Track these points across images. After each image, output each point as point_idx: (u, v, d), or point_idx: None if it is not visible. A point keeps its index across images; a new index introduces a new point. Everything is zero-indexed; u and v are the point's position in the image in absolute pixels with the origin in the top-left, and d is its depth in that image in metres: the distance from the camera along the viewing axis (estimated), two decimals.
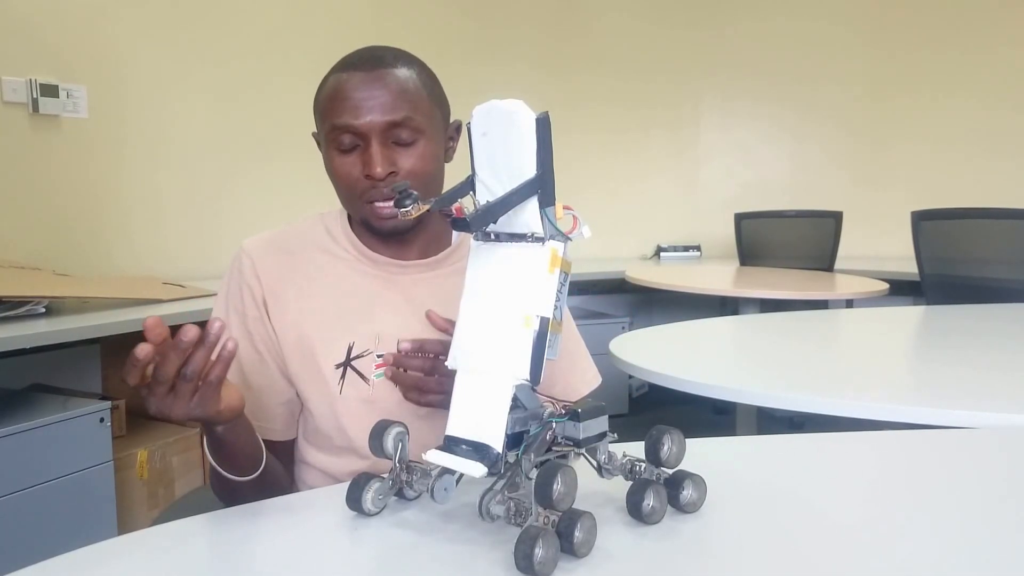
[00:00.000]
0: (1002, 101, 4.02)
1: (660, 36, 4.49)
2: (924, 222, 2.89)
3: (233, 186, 3.18)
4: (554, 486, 0.62)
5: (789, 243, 3.83)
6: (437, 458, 0.68)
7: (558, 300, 0.68)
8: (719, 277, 3.41)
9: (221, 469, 0.89)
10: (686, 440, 0.75)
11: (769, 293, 2.85)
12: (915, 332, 2.06)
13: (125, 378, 0.72)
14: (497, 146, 0.68)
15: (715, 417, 3.56)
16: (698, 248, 4.47)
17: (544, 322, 0.67)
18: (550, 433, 0.70)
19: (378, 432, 0.76)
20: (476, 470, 0.66)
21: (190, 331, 0.69)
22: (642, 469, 0.74)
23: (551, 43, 4.29)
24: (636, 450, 0.76)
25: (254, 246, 1.05)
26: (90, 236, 2.81)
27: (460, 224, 0.67)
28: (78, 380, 2.38)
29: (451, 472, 0.71)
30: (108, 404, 2.00)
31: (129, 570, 0.67)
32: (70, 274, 2.54)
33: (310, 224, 1.10)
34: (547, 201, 0.66)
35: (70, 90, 2.71)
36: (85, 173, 2.78)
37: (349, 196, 1.01)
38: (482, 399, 0.69)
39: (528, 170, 0.66)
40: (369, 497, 0.74)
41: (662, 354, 1.71)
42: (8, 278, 2.19)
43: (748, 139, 4.59)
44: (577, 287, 3.81)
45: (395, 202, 0.67)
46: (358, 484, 0.74)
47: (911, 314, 2.34)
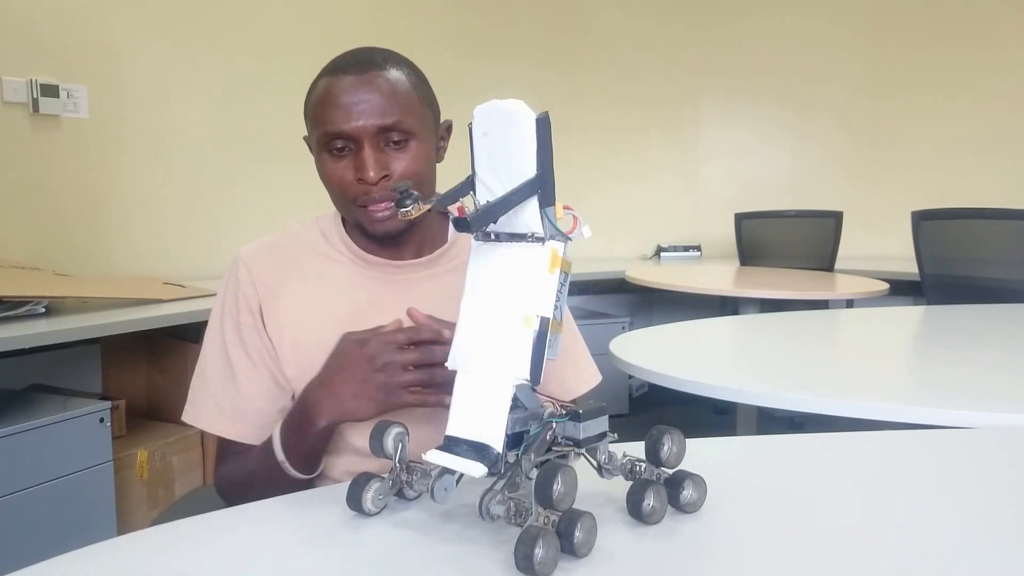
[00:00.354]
0: (1002, 101, 4.02)
1: (660, 36, 4.49)
2: (924, 222, 2.89)
3: (233, 186, 3.18)
4: (554, 486, 0.62)
5: (789, 243, 3.83)
6: (437, 458, 0.68)
7: (558, 300, 0.68)
8: (719, 277, 3.40)
9: (289, 464, 0.93)
10: (686, 440, 0.75)
11: (769, 293, 2.85)
12: (915, 332, 2.06)
13: (403, 333, 0.86)
14: (497, 146, 0.68)
15: (715, 417, 3.56)
16: (698, 248, 4.47)
17: (544, 322, 0.67)
18: (550, 433, 0.70)
19: (378, 432, 0.76)
20: (476, 470, 0.66)
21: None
22: (642, 469, 0.74)
23: (552, 43, 4.29)
24: (636, 450, 0.76)
25: (250, 254, 1.06)
26: (90, 236, 2.81)
27: (461, 224, 0.67)
28: (78, 380, 2.38)
29: (451, 472, 0.71)
30: (108, 404, 2.00)
31: (129, 570, 0.67)
32: (70, 274, 2.54)
33: (305, 228, 1.10)
34: (547, 201, 0.66)
35: (70, 90, 2.71)
36: (85, 173, 2.79)
37: (342, 200, 1.01)
38: (482, 399, 0.69)
39: (528, 170, 0.66)
40: (369, 497, 0.74)
41: (662, 354, 1.71)
42: (8, 278, 2.19)
43: (748, 139, 4.59)
44: (577, 287, 3.81)
45: (396, 202, 0.67)
46: (358, 484, 0.74)
47: (911, 314, 2.34)
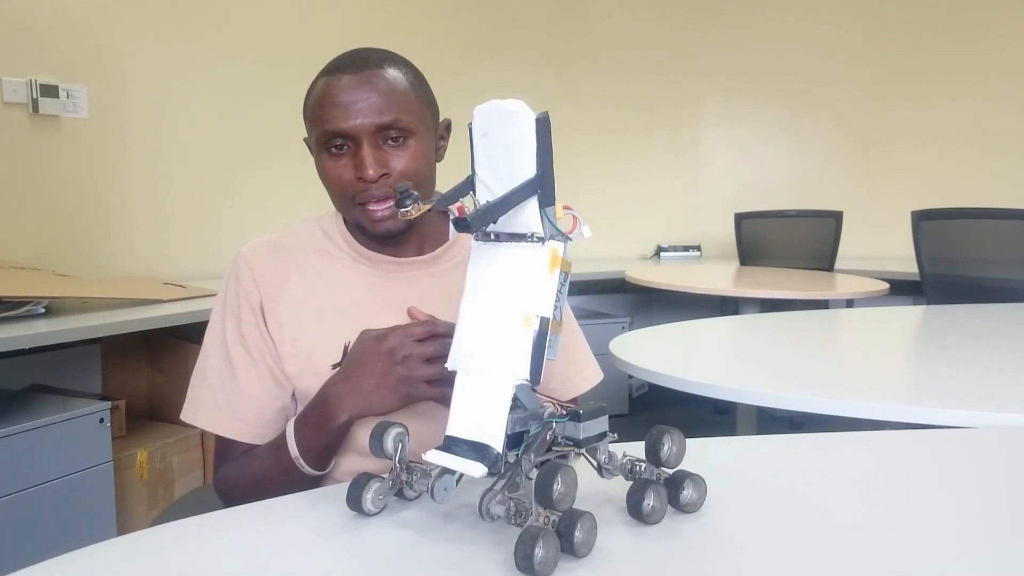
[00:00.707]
0: (1002, 101, 4.02)
1: (661, 36, 4.49)
2: (924, 222, 2.89)
3: (233, 186, 3.18)
4: (554, 486, 0.62)
5: (789, 243, 3.83)
6: (437, 458, 0.68)
7: (558, 300, 0.68)
8: (719, 277, 3.40)
9: (305, 463, 0.93)
10: (686, 440, 0.75)
11: (769, 293, 2.85)
12: (915, 332, 2.06)
13: (422, 327, 0.86)
14: (497, 146, 0.68)
15: (715, 417, 3.55)
16: (698, 248, 4.47)
17: (544, 322, 0.67)
18: (550, 433, 0.70)
19: (378, 432, 0.76)
20: (476, 470, 0.66)
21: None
22: (642, 469, 0.74)
23: (552, 43, 4.29)
24: (636, 450, 0.76)
25: (251, 251, 1.06)
26: (90, 236, 2.81)
27: (461, 224, 0.67)
28: (78, 380, 2.38)
29: (451, 472, 0.71)
30: (108, 404, 2.00)
31: (129, 570, 0.67)
32: (70, 274, 2.54)
33: (306, 227, 1.10)
34: (547, 201, 0.66)
35: (70, 90, 2.71)
36: (85, 173, 2.79)
37: (342, 199, 1.02)
38: (482, 399, 0.69)
39: (528, 170, 0.66)
40: (369, 497, 0.74)
41: (662, 354, 1.71)
42: (8, 278, 2.19)
43: (748, 139, 4.59)
44: (577, 287, 3.81)
45: (396, 202, 0.67)
46: (358, 484, 0.74)
47: (911, 314, 2.34)
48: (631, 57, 4.46)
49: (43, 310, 2.05)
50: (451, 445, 0.69)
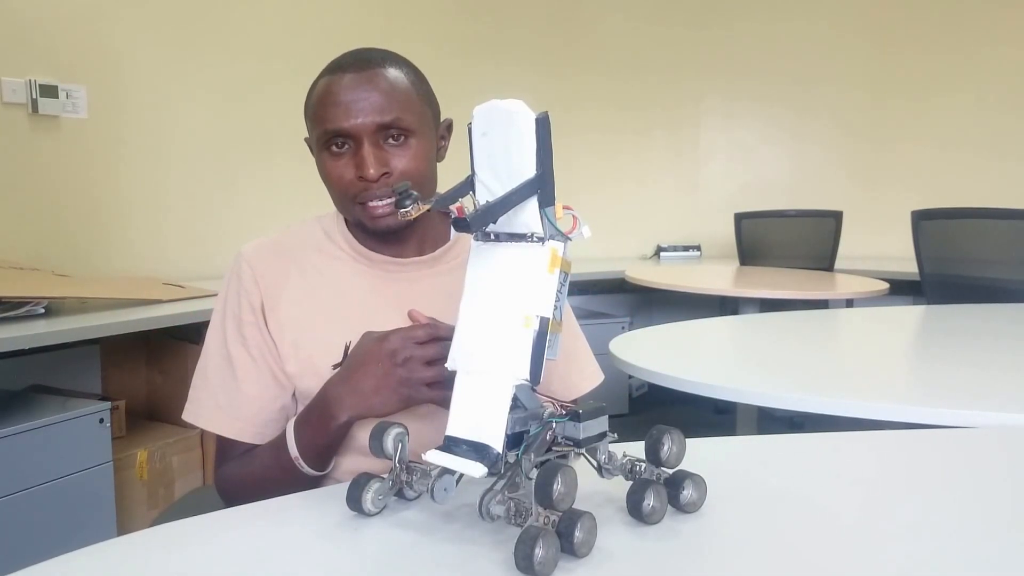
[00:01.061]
0: (1002, 101, 4.02)
1: (660, 37, 4.49)
2: (924, 222, 2.89)
3: (233, 186, 3.18)
4: (554, 486, 0.62)
5: (789, 243, 3.83)
6: (437, 458, 0.68)
7: (558, 300, 0.68)
8: (719, 277, 3.40)
9: (302, 460, 0.93)
10: (686, 440, 0.75)
11: (769, 293, 2.85)
12: (915, 332, 2.06)
13: (425, 330, 0.86)
14: (497, 146, 0.68)
15: (715, 417, 3.55)
16: (698, 248, 4.47)
17: (544, 322, 0.67)
18: (550, 433, 0.70)
19: (378, 432, 0.76)
20: (476, 470, 0.66)
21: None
22: (642, 469, 0.74)
23: (551, 43, 4.29)
24: (636, 450, 0.76)
25: (252, 251, 1.06)
26: (90, 236, 2.81)
27: (460, 224, 0.67)
28: (78, 381, 2.38)
29: (451, 472, 0.71)
30: (108, 405, 2.00)
31: (129, 570, 0.67)
32: (69, 274, 2.54)
33: (307, 227, 1.10)
34: (547, 201, 0.66)
35: (70, 90, 2.71)
36: (85, 173, 2.78)
37: (342, 199, 1.02)
38: (482, 399, 0.69)
39: (528, 170, 0.66)
40: (369, 497, 0.74)
41: (662, 354, 1.71)
42: (8, 278, 2.19)
43: (748, 139, 4.59)
44: (577, 287, 3.81)
45: (395, 203, 0.67)
46: (358, 484, 0.74)
47: (911, 314, 2.34)
48: (631, 57, 4.46)
49: (43, 310, 2.05)
50: (451, 445, 0.69)
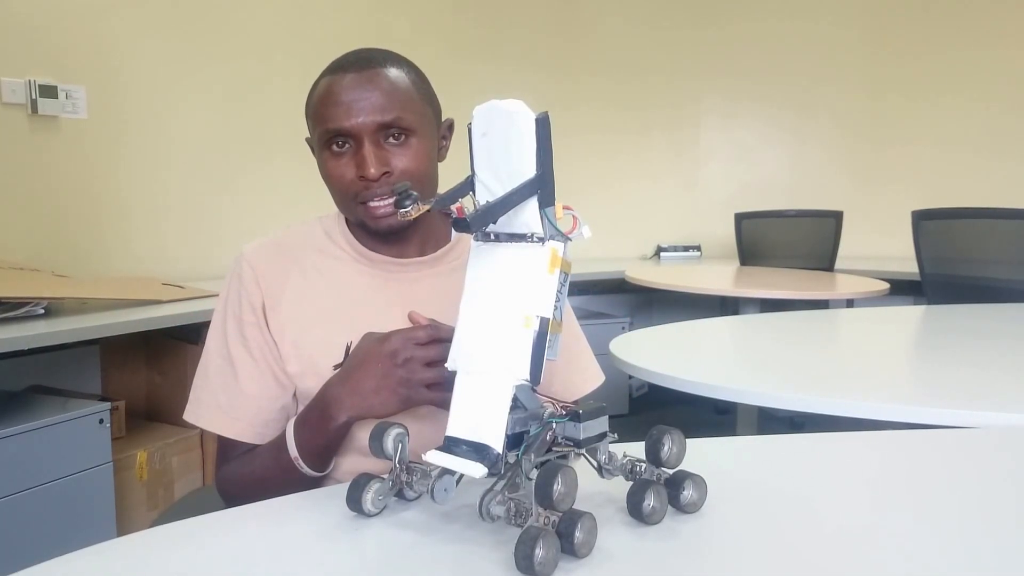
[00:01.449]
0: (1002, 101, 4.02)
1: (660, 37, 4.49)
2: (924, 222, 2.89)
3: (233, 187, 3.18)
4: (554, 486, 0.62)
5: (789, 243, 3.83)
6: (437, 459, 0.68)
7: (558, 300, 0.68)
8: (719, 277, 3.40)
9: (302, 461, 0.93)
10: (686, 440, 0.75)
11: (769, 293, 2.85)
12: (915, 332, 2.06)
13: (426, 331, 0.86)
14: (497, 146, 0.68)
15: (715, 417, 3.56)
16: (698, 248, 4.47)
17: (544, 322, 0.67)
18: (550, 433, 0.70)
19: (378, 433, 0.76)
20: (476, 471, 0.66)
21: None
22: (642, 469, 0.74)
23: (551, 44, 4.29)
24: (636, 450, 0.76)
25: (253, 252, 1.06)
26: (89, 237, 2.81)
27: (460, 224, 0.67)
28: (77, 381, 2.38)
29: (451, 473, 0.71)
30: (107, 405, 2.00)
31: (129, 571, 0.67)
32: (69, 275, 2.54)
33: (308, 227, 1.10)
34: (547, 201, 0.66)
35: (69, 91, 2.71)
36: (84, 174, 2.78)
37: (343, 198, 1.02)
38: (482, 400, 0.69)
39: (528, 170, 0.66)
40: (369, 498, 0.74)
41: (662, 354, 1.71)
42: (7, 279, 2.19)
43: (748, 139, 4.59)
44: (577, 287, 3.81)
45: (395, 203, 0.67)
46: (358, 485, 0.74)
47: (911, 314, 2.34)
48: (631, 57, 4.46)
49: (42, 311, 2.05)
50: (451, 445, 0.69)
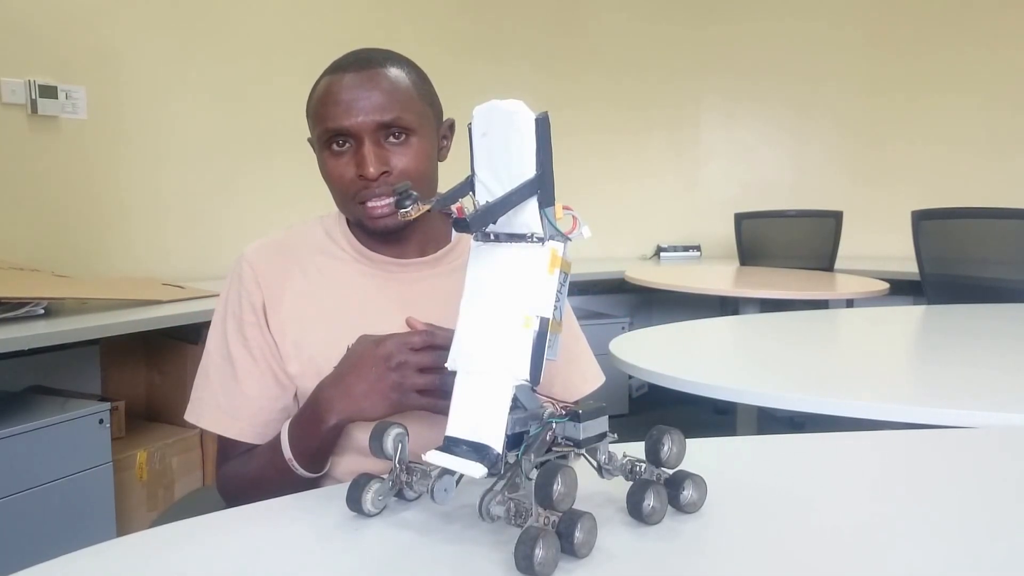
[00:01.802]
0: (1002, 101, 4.02)
1: (660, 36, 4.49)
2: (924, 222, 2.89)
3: (233, 187, 3.18)
4: (554, 486, 0.62)
5: (789, 243, 3.83)
6: (437, 459, 0.68)
7: (558, 300, 0.68)
8: (719, 277, 3.40)
9: (296, 463, 0.93)
10: (686, 440, 0.75)
11: (769, 293, 2.85)
12: (915, 332, 2.06)
13: (420, 337, 0.85)
14: (497, 146, 0.68)
15: (715, 417, 3.55)
16: (698, 248, 4.47)
17: (544, 322, 0.67)
18: (550, 433, 0.70)
19: (378, 433, 0.76)
20: (476, 471, 0.66)
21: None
22: (642, 469, 0.74)
23: (551, 43, 4.29)
24: (636, 450, 0.76)
25: (254, 252, 1.06)
26: (89, 237, 2.81)
27: (460, 224, 0.67)
28: (77, 381, 2.38)
29: (451, 473, 0.71)
30: (107, 405, 2.00)
31: (128, 571, 0.67)
32: (69, 275, 2.53)
33: (309, 227, 1.10)
34: (547, 201, 0.66)
35: (69, 91, 2.71)
36: (84, 174, 2.78)
37: (343, 197, 1.02)
38: (482, 400, 0.69)
39: (528, 170, 0.66)
40: (369, 498, 0.74)
41: (662, 354, 1.71)
42: (7, 279, 2.19)
43: (748, 139, 4.59)
44: (577, 287, 3.81)
45: (395, 203, 0.67)
46: (358, 485, 0.74)
47: (911, 314, 2.34)
48: (631, 57, 4.46)
49: (42, 311, 2.04)
50: (451, 445, 0.69)
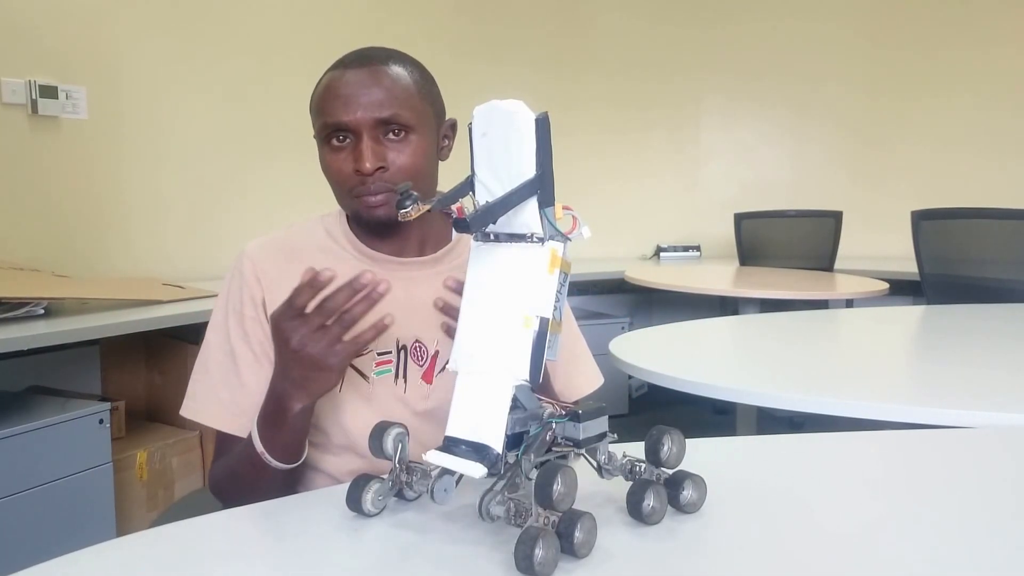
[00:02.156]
0: (1002, 101, 4.02)
1: (660, 36, 4.49)
2: (924, 222, 2.89)
3: (233, 187, 3.18)
4: (554, 486, 0.62)
5: (789, 243, 3.83)
6: (437, 459, 0.68)
7: (558, 300, 0.68)
8: (719, 277, 3.40)
9: (270, 456, 0.91)
10: (686, 440, 0.75)
11: (769, 293, 2.85)
12: (915, 332, 2.06)
13: (294, 299, 0.83)
14: (497, 146, 0.68)
15: (715, 417, 3.55)
16: (698, 248, 4.47)
17: (544, 322, 0.67)
18: (550, 433, 0.70)
19: (378, 433, 0.76)
20: (476, 471, 0.66)
21: (368, 275, 0.83)
22: (642, 469, 0.74)
23: (551, 43, 4.29)
24: (636, 450, 0.76)
25: (255, 249, 1.06)
26: (89, 237, 2.81)
27: (460, 224, 0.67)
28: (77, 381, 2.38)
29: (451, 473, 0.71)
30: (107, 405, 1.99)
31: (128, 571, 0.67)
32: (69, 275, 2.53)
33: (310, 226, 1.11)
34: (547, 201, 0.66)
35: (69, 91, 2.71)
36: (85, 174, 2.78)
37: (340, 192, 1.03)
38: (482, 400, 0.69)
39: (528, 170, 0.66)
40: (369, 498, 0.74)
41: (662, 354, 1.71)
42: (7, 279, 2.19)
43: (748, 139, 4.59)
44: (577, 287, 3.81)
45: (396, 203, 0.67)
46: (358, 485, 0.74)
47: (911, 314, 2.34)
48: (631, 57, 4.46)
49: (42, 311, 2.04)
50: (451, 445, 0.69)
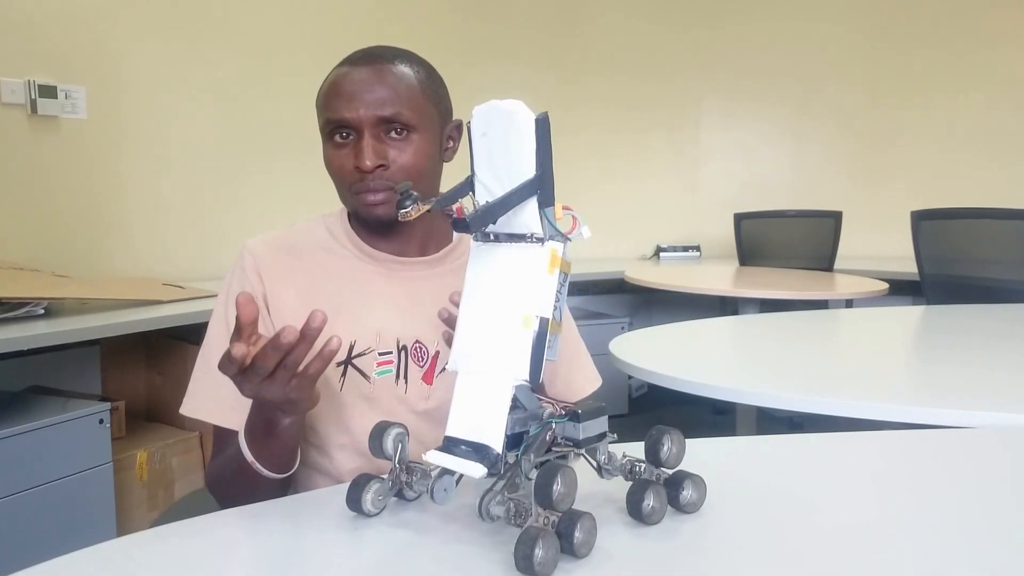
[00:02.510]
0: (1002, 101, 4.02)
1: (660, 36, 4.49)
2: (924, 222, 2.89)
3: (233, 187, 3.18)
4: (554, 487, 0.62)
5: (789, 243, 3.83)
6: (437, 459, 0.68)
7: (558, 300, 0.68)
8: (719, 277, 3.40)
9: (260, 465, 0.88)
10: (686, 440, 0.75)
11: (769, 293, 2.85)
12: (915, 332, 2.06)
13: (221, 369, 0.74)
14: (497, 146, 0.68)
15: (715, 417, 3.55)
16: (698, 248, 4.47)
17: (544, 323, 0.67)
18: (550, 434, 0.70)
19: (378, 433, 0.76)
20: (476, 471, 0.66)
21: (289, 332, 0.71)
22: (642, 469, 0.74)
23: (551, 43, 4.29)
24: (636, 450, 0.76)
25: (257, 245, 1.06)
26: (89, 237, 2.81)
27: (460, 225, 0.67)
28: (77, 381, 2.38)
29: (451, 473, 0.71)
30: (107, 405, 1.99)
31: (128, 571, 0.67)
32: (69, 275, 2.53)
33: (312, 225, 1.11)
34: (546, 201, 0.66)
35: (69, 91, 2.71)
36: (84, 174, 2.78)
37: (341, 188, 1.03)
38: (482, 400, 0.69)
39: (527, 170, 0.66)
40: (369, 498, 0.74)
41: (662, 354, 1.71)
42: (7, 279, 2.19)
43: (748, 139, 4.59)
44: (577, 287, 3.81)
45: (396, 203, 0.68)
46: (358, 485, 0.74)
47: (911, 314, 2.34)
48: (631, 57, 4.46)
49: (42, 311, 2.04)
50: (451, 445, 0.69)
